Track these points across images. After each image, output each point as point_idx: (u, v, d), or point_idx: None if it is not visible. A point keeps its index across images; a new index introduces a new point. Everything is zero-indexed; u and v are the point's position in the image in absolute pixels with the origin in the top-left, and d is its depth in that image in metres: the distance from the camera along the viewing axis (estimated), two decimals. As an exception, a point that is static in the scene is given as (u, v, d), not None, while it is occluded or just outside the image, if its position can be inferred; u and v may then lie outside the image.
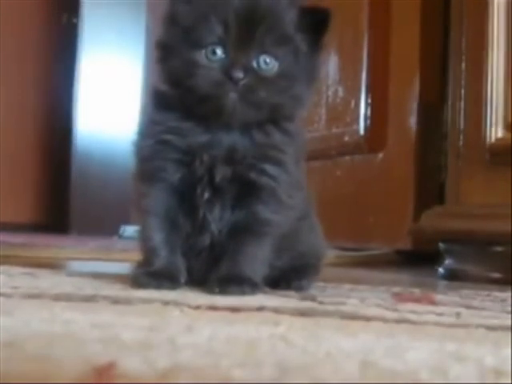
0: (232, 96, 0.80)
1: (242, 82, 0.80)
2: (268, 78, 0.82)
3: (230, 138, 0.84)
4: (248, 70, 0.80)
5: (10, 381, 0.36)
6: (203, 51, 0.81)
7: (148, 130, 0.87)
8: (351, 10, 2.01)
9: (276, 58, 0.82)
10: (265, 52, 0.82)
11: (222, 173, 0.83)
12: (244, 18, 0.81)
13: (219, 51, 0.81)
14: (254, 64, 0.81)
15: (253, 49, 0.81)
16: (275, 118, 0.86)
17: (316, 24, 0.85)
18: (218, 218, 0.85)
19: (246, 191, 0.85)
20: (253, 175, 0.84)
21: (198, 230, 0.85)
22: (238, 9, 0.81)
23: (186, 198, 0.85)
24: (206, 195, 0.84)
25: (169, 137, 0.84)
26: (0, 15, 4.09)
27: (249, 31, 0.81)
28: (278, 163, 0.85)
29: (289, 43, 0.83)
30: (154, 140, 0.85)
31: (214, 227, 0.85)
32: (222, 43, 0.81)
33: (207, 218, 0.84)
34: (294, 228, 0.90)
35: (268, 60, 0.82)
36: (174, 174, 0.84)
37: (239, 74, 0.80)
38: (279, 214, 0.86)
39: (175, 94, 0.85)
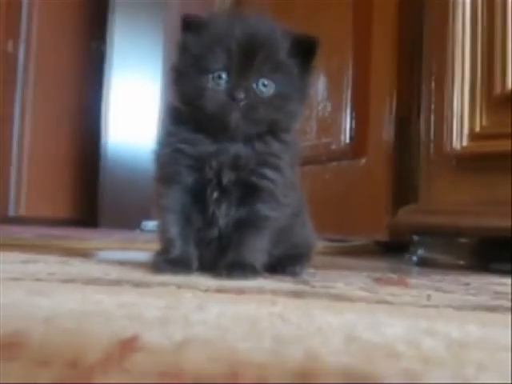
0: (235, 114, 0.80)
1: (243, 102, 0.80)
2: (266, 99, 0.82)
3: (235, 148, 0.84)
4: (248, 92, 0.80)
5: (47, 351, 0.36)
6: (210, 76, 0.81)
7: (165, 140, 0.87)
8: (338, 38, 2.00)
9: (272, 81, 0.82)
10: (263, 76, 0.81)
11: (228, 177, 0.83)
12: (245, 48, 0.81)
13: (224, 76, 0.81)
14: (254, 87, 0.81)
15: (252, 74, 0.81)
16: (273, 130, 0.85)
17: (306, 50, 0.85)
18: (224, 214, 0.85)
19: (248, 192, 0.85)
20: (254, 179, 0.84)
21: (208, 225, 0.85)
22: (239, 40, 0.80)
23: (198, 198, 0.85)
24: (215, 195, 0.84)
25: (183, 146, 0.84)
26: (38, 43, 4.10)
27: (249, 59, 0.81)
28: (275, 168, 0.85)
29: (283, 68, 0.83)
30: (170, 149, 0.85)
31: (222, 222, 0.85)
32: (226, 69, 0.81)
33: (216, 214, 0.84)
34: (289, 223, 0.90)
35: (266, 83, 0.82)
36: (188, 178, 0.84)
37: (241, 96, 0.80)
38: (276, 211, 0.86)
39: (187, 111, 0.85)
